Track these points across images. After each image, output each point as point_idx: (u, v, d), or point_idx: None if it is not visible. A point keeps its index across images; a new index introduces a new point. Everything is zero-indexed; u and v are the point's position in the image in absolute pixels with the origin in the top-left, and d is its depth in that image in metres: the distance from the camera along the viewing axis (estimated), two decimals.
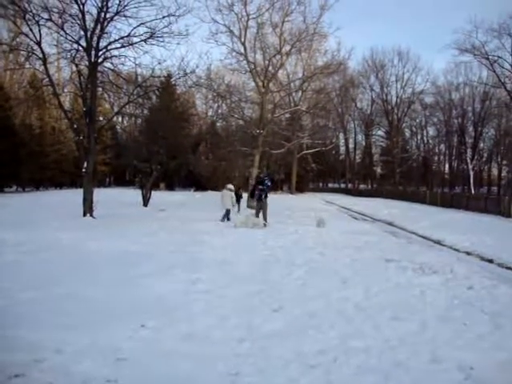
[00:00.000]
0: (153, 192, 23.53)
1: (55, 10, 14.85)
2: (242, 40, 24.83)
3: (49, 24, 15.24)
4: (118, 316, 5.21)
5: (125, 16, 15.55)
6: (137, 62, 16.44)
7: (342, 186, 71.35)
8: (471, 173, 47.97)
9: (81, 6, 14.98)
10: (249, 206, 23.30)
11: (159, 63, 16.82)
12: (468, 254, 10.83)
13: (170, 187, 44.85)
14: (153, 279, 7.05)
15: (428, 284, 7.23)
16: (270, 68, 25.78)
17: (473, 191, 46.30)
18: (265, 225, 15.22)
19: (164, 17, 15.72)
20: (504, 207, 22.90)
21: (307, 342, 4.60)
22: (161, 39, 16.09)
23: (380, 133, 67.32)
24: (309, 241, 12.11)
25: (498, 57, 45.24)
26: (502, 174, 59.32)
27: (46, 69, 15.78)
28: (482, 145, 58.59)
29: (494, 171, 62.67)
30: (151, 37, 15.90)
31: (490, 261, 9.88)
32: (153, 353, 4.25)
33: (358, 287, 6.90)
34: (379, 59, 61.37)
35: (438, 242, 12.77)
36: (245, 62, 25.70)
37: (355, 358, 4.22)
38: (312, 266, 8.57)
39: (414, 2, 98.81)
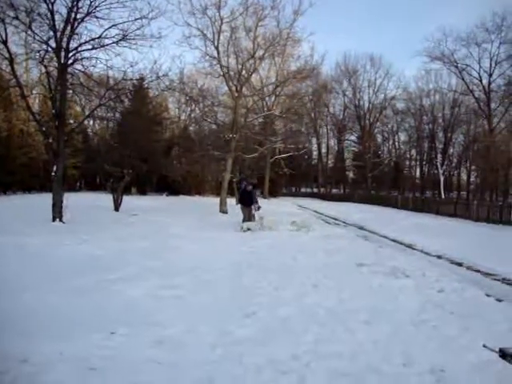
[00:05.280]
0: (124, 196, 23.13)
1: (22, 8, 14.43)
2: (216, 44, 24.70)
3: (15, 23, 14.68)
4: (87, 323, 5.08)
5: (96, 17, 15.23)
6: (108, 65, 16.08)
7: (315, 190, 71.81)
8: (441, 178, 48.90)
9: (49, 6, 14.53)
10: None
11: (131, 66, 16.51)
12: (439, 257, 11.00)
13: (142, 192, 44.25)
14: (123, 285, 6.91)
15: (400, 288, 7.30)
16: (244, 72, 25.70)
17: (443, 196, 47.18)
18: (249, 229, 15.32)
19: (136, 19, 15.47)
20: (473, 212, 23.40)
21: (280, 347, 4.57)
22: (133, 41, 15.83)
23: (352, 138, 68.01)
24: (282, 245, 12.12)
25: (467, 65, 46.49)
26: (471, 179, 60.67)
27: (13, 69, 15.32)
28: (451, 150, 59.78)
29: (464, 176, 64.01)
30: (123, 39, 15.62)
31: (460, 264, 10.07)
32: (124, 361, 4.15)
33: (331, 292, 6.92)
34: (352, 65, 62.11)
35: (410, 246, 12.93)
36: (218, 66, 25.55)
37: (328, 363, 4.21)
38: (285, 270, 8.57)
39: (386, 9, 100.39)
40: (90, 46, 15.67)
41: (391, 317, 5.65)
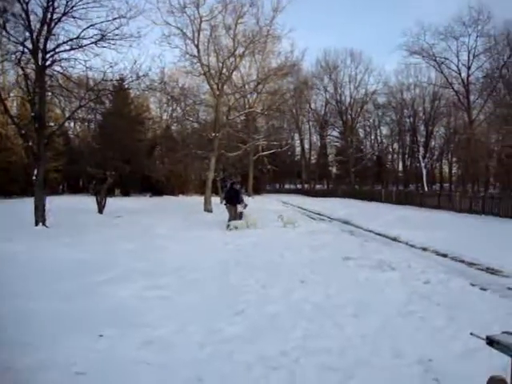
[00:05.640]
0: (108, 198, 22.93)
1: None
2: (196, 42, 24.57)
3: None
4: (74, 327, 5.01)
5: (73, 17, 15.02)
6: (88, 66, 15.91)
7: (299, 186, 71.97)
8: (424, 170, 49.24)
9: (24, 5, 14.22)
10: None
11: (111, 66, 16.29)
12: (424, 249, 11.10)
13: (126, 193, 43.96)
14: (110, 287, 6.84)
15: (387, 280, 7.36)
16: (224, 70, 25.62)
17: (426, 188, 47.58)
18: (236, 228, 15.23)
19: (114, 18, 15.31)
20: (455, 203, 23.71)
21: (269, 344, 4.56)
22: (112, 42, 15.66)
23: (334, 133, 68.20)
24: (268, 243, 12.13)
25: (445, 58, 46.92)
26: (453, 171, 61.38)
27: None
28: (433, 143, 60.29)
29: (446, 168, 64.68)
30: (102, 39, 15.43)
31: (444, 255, 10.18)
32: (113, 363, 4.10)
33: (318, 287, 6.94)
34: (332, 60, 62.33)
35: (395, 239, 13.04)
36: (198, 64, 25.42)
37: (318, 358, 4.21)
38: (272, 267, 8.57)
39: (365, 4, 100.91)
40: (68, 47, 15.48)
41: (378, 310, 5.68)
